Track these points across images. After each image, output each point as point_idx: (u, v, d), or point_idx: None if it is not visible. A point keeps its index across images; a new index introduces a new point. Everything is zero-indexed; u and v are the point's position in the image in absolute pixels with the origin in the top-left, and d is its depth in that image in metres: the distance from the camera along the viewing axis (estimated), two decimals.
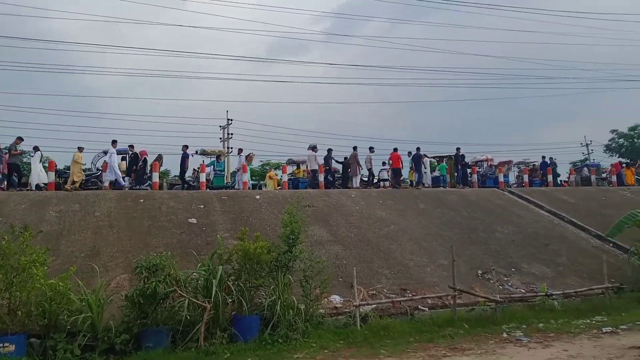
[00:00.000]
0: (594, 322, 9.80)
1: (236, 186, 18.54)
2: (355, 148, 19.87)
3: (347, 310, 9.89)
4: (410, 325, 9.45)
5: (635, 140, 40.30)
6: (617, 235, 14.35)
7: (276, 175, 21.32)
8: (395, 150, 20.62)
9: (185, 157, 18.25)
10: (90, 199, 13.80)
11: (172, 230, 12.54)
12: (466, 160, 23.25)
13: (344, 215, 14.81)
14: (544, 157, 24.74)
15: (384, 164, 22.84)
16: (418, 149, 21.08)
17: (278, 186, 19.75)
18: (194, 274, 9.12)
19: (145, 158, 18.16)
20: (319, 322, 9.14)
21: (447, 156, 23.98)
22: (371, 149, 20.51)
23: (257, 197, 15.46)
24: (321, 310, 9.51)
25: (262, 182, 23.42)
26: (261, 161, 38.64)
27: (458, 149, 22.29)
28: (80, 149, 17.20)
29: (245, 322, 8.58)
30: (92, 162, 21.46)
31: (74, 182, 16.63)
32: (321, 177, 19.03)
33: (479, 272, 12.68)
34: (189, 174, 20.11)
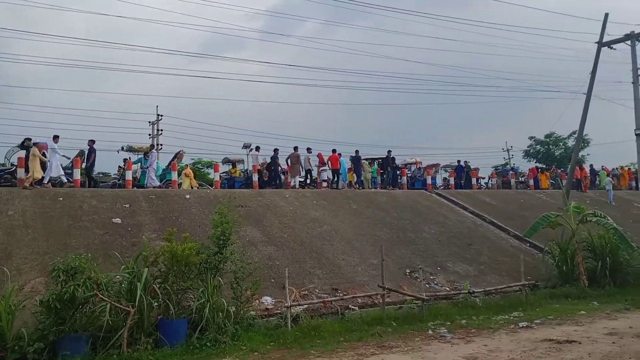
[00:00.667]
0: (511, 317, 10.39)
1: (147, 184, 17.52)
2: (295, 148, 20.02)
3: (279, 311, 9.83)
4: (340, 324, 9.54)
5: (551, 146, 43.35)
6: (533, 235, 15.40)
7: (192, 172, 20.56)
8: (334, 151, 21.10)
9: (91, 152, 17.14)
10: (2, 197, 12.75)
11: (95, 231, 11.87)
12: (396, 162, 23.95)
13: (278, 215, 14.73)
14: (459, 161, 25.94)
15: (323, 164, 23.09)
16: (357, 151, 21.84)
17: (200, 186, 19.27)
18: (117, 277, 8.67)
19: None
20: (249, 324, 9.01)
21: (378, 158, 24.56)
22: (309, 149, 20.72)
23: (187, 196, 15.01)
24: (252, 312, 9.38)
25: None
26: (192, 159, 37.50)
27: (389, 151, 22.95)
28: None
29: (172, 327, 8.27)
30: (5, 157, 19.82)
31: None
32: (255, 177, 18.83)
33: (407, 271, 13.08)
34: (114, 171, 19.14)
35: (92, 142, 17.03)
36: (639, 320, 9.93)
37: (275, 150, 20.22)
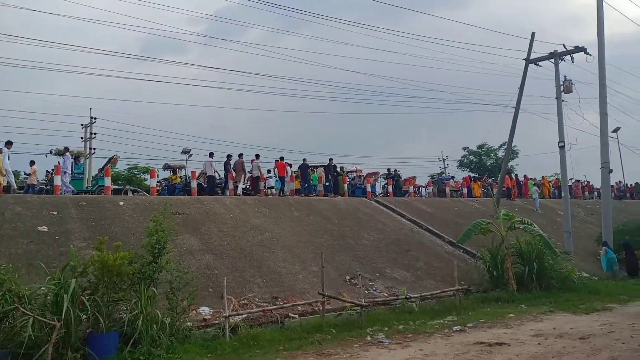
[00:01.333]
0: (446, 321, 10.73)
1: (62, 190, 16.18)
2: (240, 155, 19.89)
3: (217, 321, 9.59)
4: (280, 333, 9.46)
5: (483, 157, 45.54)
6: (467, 241, 16.07)
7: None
8: (281, 159, 21.26)
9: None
10: None
11: (18, 240, 11.08)
12: (338, 170, 24.25)
13: (217, 223, 14.43)
14: (389, 170, 26.63)
15: (269, 172, 23.04)
16: (304, 159, 22.02)
17: (135, 192, 18.62)
18: (42, 288, 8.11)
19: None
20: (185, 335, 8.71)
21: (319, 166, 24.74)
22: (257, 156, 20.60)
23: (121, 203, 14.37)
24: (189, 323, 9.09)
25: (127, 186, 21.82)
26: (127, 164, 36.08)
27: (330, 159, 23.20)
28: None
29: (102, 340, 7.84)
30: None
31: None
32: (194, 184, 18.37)
33: (347, 277, 13.21)
34: (42, 177, 17.98)
35: (8, 143, 15.95)
36: (561, 321, 10.58)
37: (229, 157, 20.04)
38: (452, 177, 32.77)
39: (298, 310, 10.82)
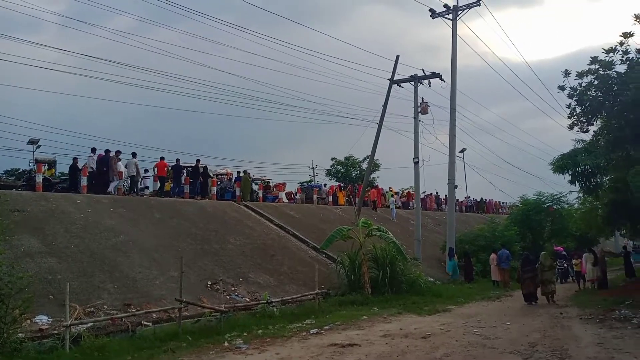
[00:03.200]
0: (304, 325, 10.98)
1: None
2: (118, 153, 18.39)
3: (56, 331, 8.63)
4: (130, 342, 8.83)
5: (349, 167, 47.87)
6: (329, 247, 16.70)
7: None
8: (162, 159, 20.46)
9: None
10: None
11: None
12: (208, 172, 23.52)
13: (65, 223, 13.04)
14: (238, 172, 26.52)
15: (146, 171, 21.54)
16: (178, 160, 21.26)
17: None
18: None
19: None
20: (15, 348, 7.68)
21: (187, 167, 23.79)
22: (134, 154, 19.12)
23: None
24: (20, 334, 8.03)
25: None
26: None
27: (198, 160, 22.44)
28: None
29: None
30: None
31: None
32: (39, 178, 16.41)
33: (209, 283, 12.85)
34: None
35: None
36: (407, 322, 11.49)
37: (117, 152, 18.27)
38: (324, 185, 33.87)
39: (152, 318, 10.22)
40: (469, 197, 44.59)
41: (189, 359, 8.02)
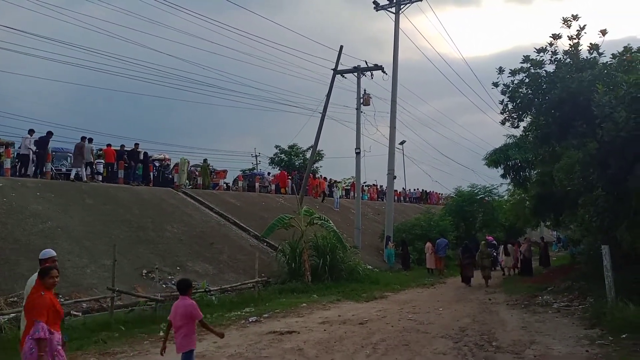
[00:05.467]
0: (243, 313, 10.90)
1: None
2: (83, 138, 17.58)
3: None
4: None
5: (292, 156, 47.80)
6: (270, 235, 16.64)
7: None
8: (109, 145, 19.53)
9: None
10: None
11: None
12: (147, 157, 22.62)
13: None
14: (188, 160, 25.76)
15: (99, 157, 20.39)
16: (137, 144, 20.60)
17: None
18: None
19: None
20: None
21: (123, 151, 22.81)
22: (90, 140, 18.03)
23: None
24: None
25: None
26: None
27: (136, 144, 21.53)
28: None
29: None
30: None
31: None
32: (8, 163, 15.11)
33: (144, 271, 12.44)
34: None
35: None
36: (346, 309, 11.70)
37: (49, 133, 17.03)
38: (269, 173, 33.61)
39: (82, 308, 9.79)
40: (417, 189, 46.25)
41: (120, 349, 7.74)
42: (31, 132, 16.73)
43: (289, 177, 30.59)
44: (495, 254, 23.76)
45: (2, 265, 10.17)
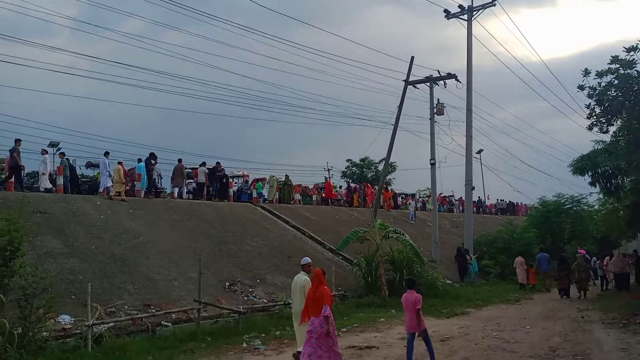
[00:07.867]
0: None
1: None
2: (180, 160, 19.71)
3: (79, 331, 8.78)
4: (150, 342, 8.94)
5: (364, 169, 47.78)
6: (345, 248, 16.68)
7: None
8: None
9: None
10: None
11: None
12: (226, 174, 23.68)
13: (85, 224, 13.25)
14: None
15: (190, 177, 22.07)
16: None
17: None
18: None
19: None
20: (39, 347, 7.85)
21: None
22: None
23: None
24: (45, 333, 8.20)
25: None
26: None
27: (218, 163, 22.59)
28: None
29: None
30: None
31: None
32: (60, 180, 16.70)
33: (227, 284, 12.94)
34: None
35: None
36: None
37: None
38: (341, 187, 33.88)
39: (172, 318, 10.33)
40: (502, 199, 44.83)
41: (207, 359, 8.09)
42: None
43: (354, 190, 30.62)
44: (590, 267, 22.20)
45: (101, 277, 11.02)
